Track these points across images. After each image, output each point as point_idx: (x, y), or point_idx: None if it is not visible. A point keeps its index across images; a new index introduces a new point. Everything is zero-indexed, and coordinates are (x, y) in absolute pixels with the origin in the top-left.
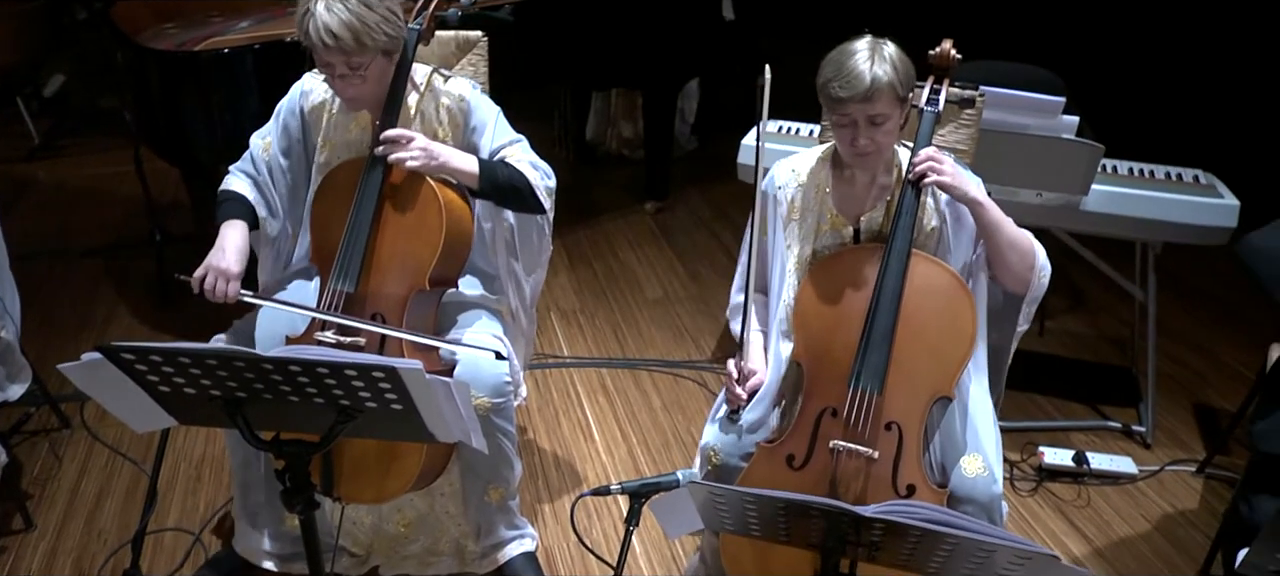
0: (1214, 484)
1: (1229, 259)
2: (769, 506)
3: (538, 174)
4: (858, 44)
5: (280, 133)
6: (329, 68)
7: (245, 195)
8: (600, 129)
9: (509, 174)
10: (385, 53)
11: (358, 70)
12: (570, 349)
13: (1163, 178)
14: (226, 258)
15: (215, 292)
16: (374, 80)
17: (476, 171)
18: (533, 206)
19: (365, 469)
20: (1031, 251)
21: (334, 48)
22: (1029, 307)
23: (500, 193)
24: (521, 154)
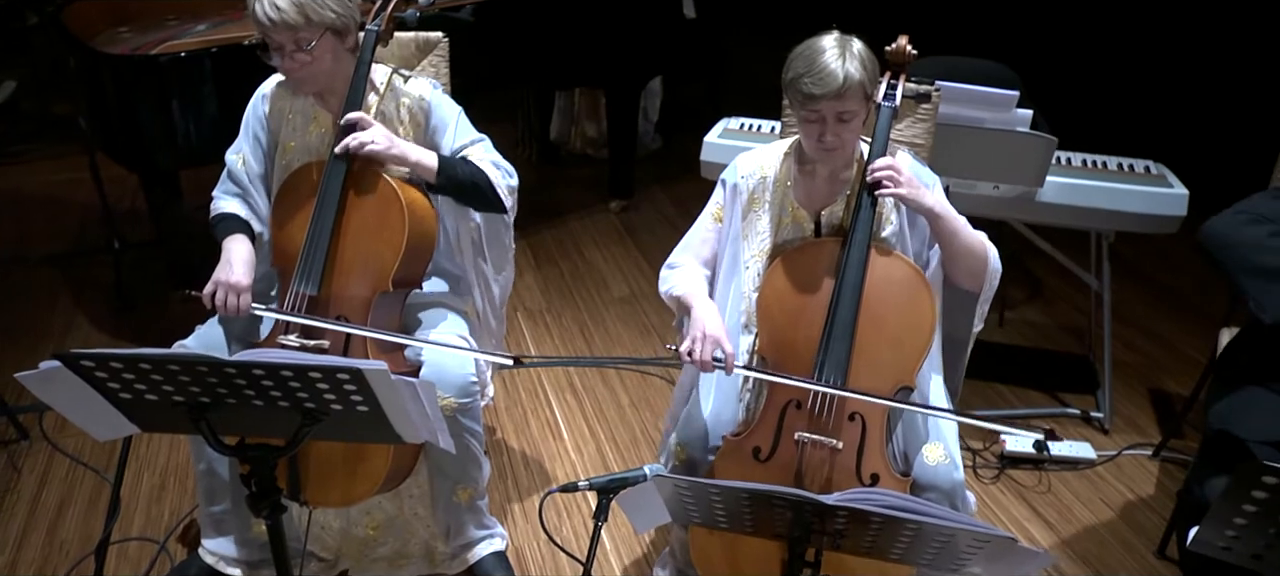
0: (1169, 466)
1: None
2: (734, 498)
3: (499, 172)
4: (826, 41)
5: (252, 143)
6: (279, 50)
7: (239, 214)
8: (564, 128)
9: (469, 171)
10: (334, 31)
11: (306, 47)
12: (537, 348)
13: (1115, 168)
14: (234, 271)
15: (226, 307)
16: (324, 59)
17: (435, 166)
18: (494, 204)
19: (332, 472)
20: (984, 255)
21: (280, 24)
22: (982, 307)
23: (460, 189)
24: (483, 153)
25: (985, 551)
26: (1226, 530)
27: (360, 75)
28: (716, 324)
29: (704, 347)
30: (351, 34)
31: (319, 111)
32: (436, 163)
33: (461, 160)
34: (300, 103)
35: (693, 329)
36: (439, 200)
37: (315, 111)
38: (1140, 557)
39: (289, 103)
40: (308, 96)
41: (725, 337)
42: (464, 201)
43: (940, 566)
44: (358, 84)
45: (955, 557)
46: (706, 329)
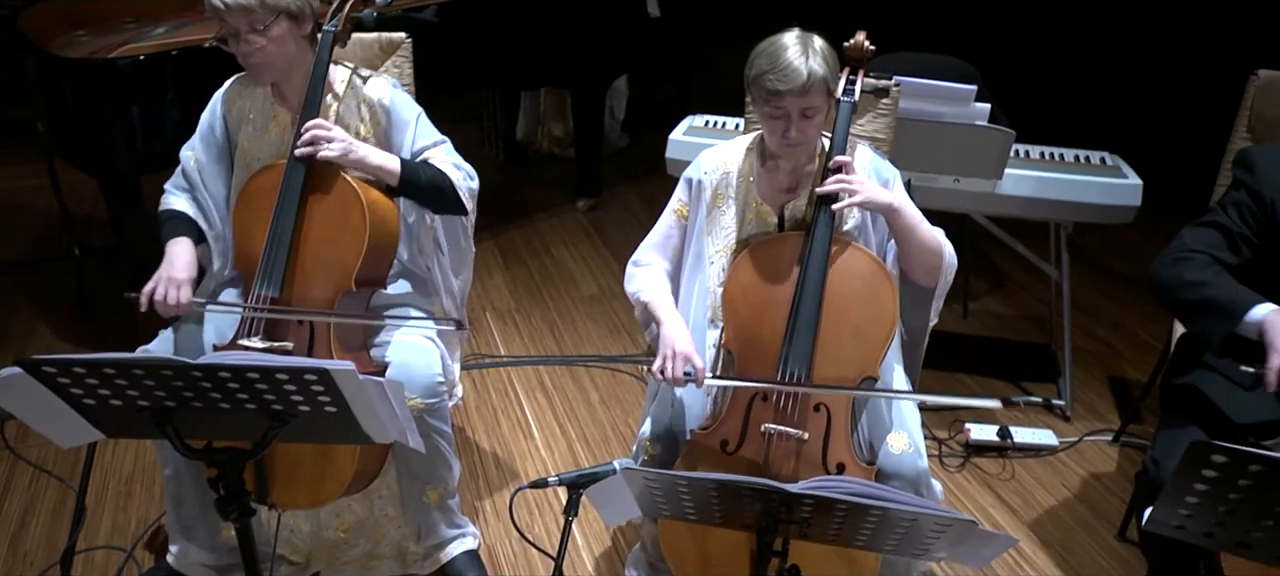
0: (1129, 451)
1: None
2: (702, 489)
3: (460, 175)
4: (788, 38)
5: (206, 140)
6: (234, 36)
7: (186, 212)
8: (530, 128)
9: (431, 174)
10: (289, 15)
11: (260, 28)
12: (507, 348)
13: (1071, 160)
14: (175, 268)
15: (167, 302)
16: (283, 43)
17: (397, 169)
18: (455, 207)
19: (298, 474)
20: (940, 250)
21: (234, 7)
22: (937, 301)
23: (421, 192)
24: (444, 155)
25: (948, 535)
26: (1180, 509)
27: (318, 76)
28: (685, 339)
29: (675, 366)
30: (308, 21)
31: (278, 111)
32: (398, 166)
33: (423, 163)
34: (259, 103)
35: (662, 347)
36: (401, 200)
37: (275, 111)
38: (1102, 540)
39: (248, 103)
40: (268, 97)
41: (694, 352)
42: (425, 204)
43: (905, 551)
44: (316, 84)
45: (919, 542)
46: (676, 346)
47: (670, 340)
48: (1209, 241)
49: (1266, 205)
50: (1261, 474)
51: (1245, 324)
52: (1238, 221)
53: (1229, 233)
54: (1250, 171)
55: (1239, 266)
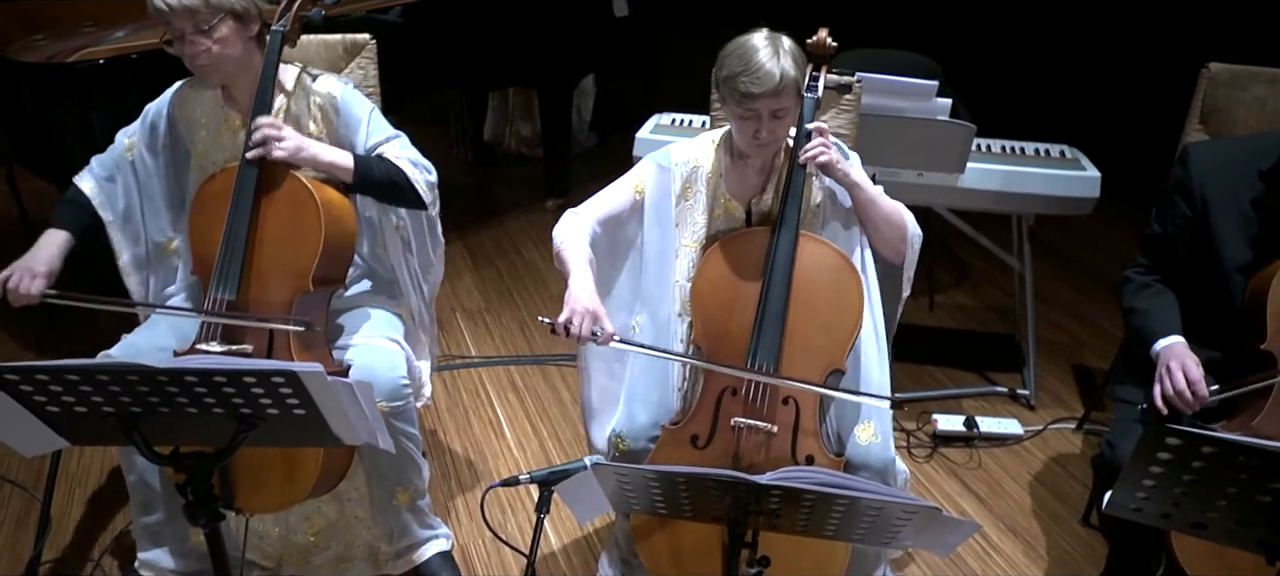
0: (1092, 438)
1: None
2: (671, 483)
3: (417, 169)
4: (758, 39)
5: (147, 132)
6: (180, 38)
7: (88, 197)
8: (498, 128)
9: (386, 169)
10: (235, 15)
11: (206, 29)
12: (478, 348)
13: (1032, 154)
14: (35, 259)
15: (19, 290)
16: (228, 44)
17: (350, 165)
18: (413, 201)
19: (264, 477)
20: (902, 222)
21: (179, 10)
22: (907, 271)
23: (377, 187)
24: (399, 149)
25: (913, 523)
26: (1137, 492)
27: (267, 76)
28: (592, 296)
29: (583, 324)
30: (254, 21)
31: (229, 113)
32: (351, 163)
33: (377, 159)
34: (210, 106)
35: (569, 301)
36: (362, 199)
37: (226, 114)
38: (1066, 525)
39: (199, 108)
40: (218, 100)
41: (603, 313)
42: (383, 200)
43: (873, 540)
44: (265, 85)
45: (886, 531)
46: (583, 303)
47: (577, 296)
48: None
49: (1196, 200)
50: (1214, 455)
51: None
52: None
53: (1161, 241)
54: (1184, 168)
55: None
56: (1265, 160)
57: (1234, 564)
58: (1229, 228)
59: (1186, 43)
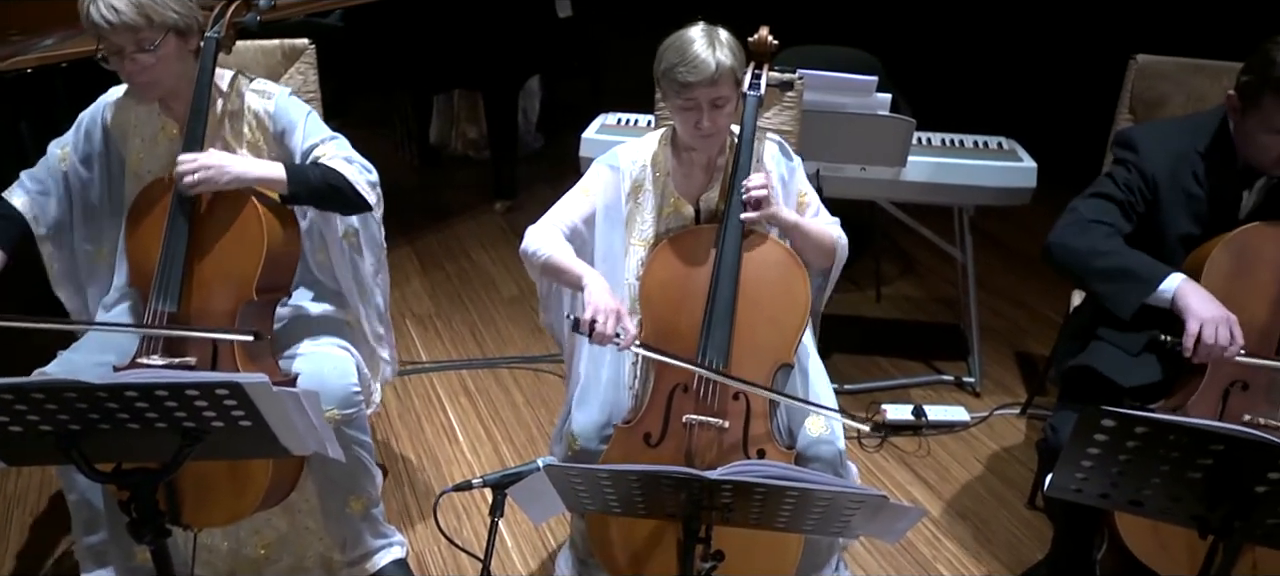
0: (1036, 422)
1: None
2: (624, 481)
3: (355, 168)
4: (694, 32)
5: (81, 142)
6: (119, 54)
7: (19, 212)
8: (444, 131)
9: (323, 173)
10: (176, 32)
11: (149, 50)
12: (428, 353)
13: (970, 146)
14: None
15: None
16: (169, 62)
17: (284, 177)
18: (356, 203)
19: (211, 491)
20: (832, 243)
21: (119, 26)
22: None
23: (316, 195)
24: (336, 151)
25: (862, 511)
26: (1077, 473)
27: (202, 83)
28: (612, 294)
29: (609, 322)
30: (195, 36)
31: (166, 121)
32: (284, 174)
33: (313, 165)
34: (147, 115)
35: (593, 300)
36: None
37: (163, 122)
38: (1012, 509)
39: (134, 115)
40: (154, 107)
41: (626, 315)
42: (324, 206)
43: (825, 530)
44: (201, 92)
45: (837, 520)
46: (608, 302)
47: (597, 293)
48: (1107, 212)
49: (1149, 180)
50: (1147, 434)
51: (1159, 293)
52: (1126, 192)
53: (1122, 204)
54: (1134, 150)
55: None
56: (1201, 139)
57: (1168, 540)
58: (1175, 205)
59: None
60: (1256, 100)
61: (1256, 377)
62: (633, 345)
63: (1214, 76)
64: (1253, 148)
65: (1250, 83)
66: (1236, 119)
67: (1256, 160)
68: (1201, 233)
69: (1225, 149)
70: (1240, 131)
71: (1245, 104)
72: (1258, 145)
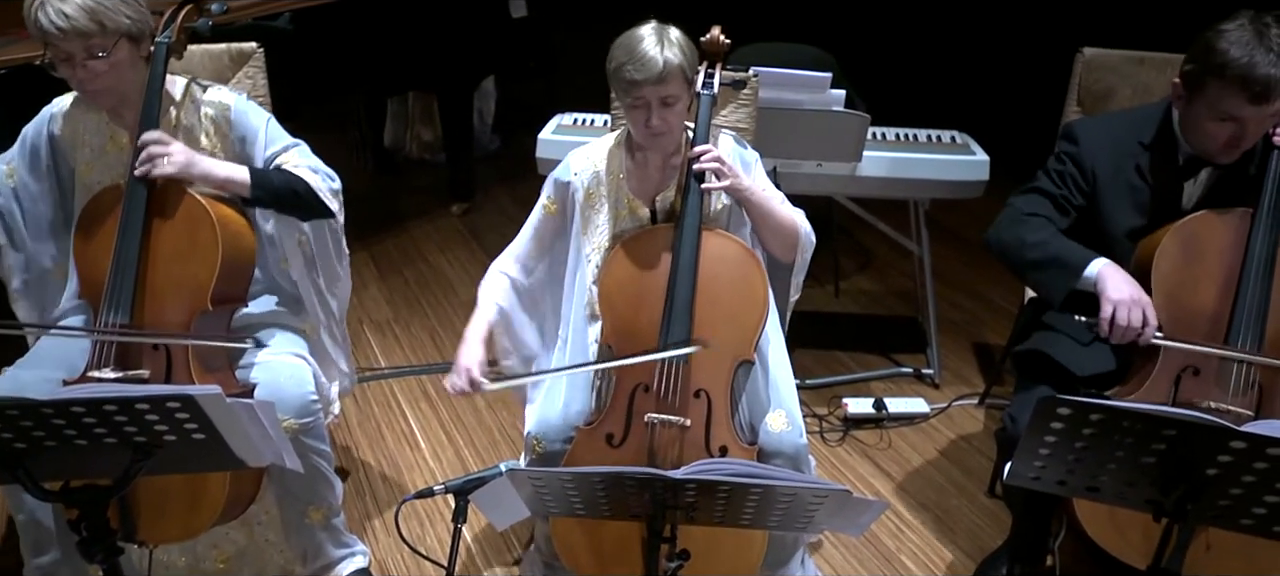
0: (994, 412)
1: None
2: (587, 483)
3: (319, 177)
4: (644, 30)
5: (27, 156)
6: (68, 61)
7: None
8: (399, 134)
9: (285, 179)
10: (129, 37)
11: (100, 56)
12: (387, 359)
13: (924, 140)
14: None
15: None
16: (121, 69)
17: (247, 180)
18: (318, 210)
19: (167, 506)
20: (795, 229)
21: (70, 32)
22: (797, 277)
23: (278, 199)
24: (299, 158)
25: (826, 506)
26: (1034, 461)
27: (153, 89)
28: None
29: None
30: (147, 41)
31: (115, 130)
32: (247, 177)
33: (276, 170)
34: (95, 123)
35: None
36: (262, 213)
37: (112, 131)
38: (972, 498)
39: (83, 125)
40: (103, 116)
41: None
42: (286, 212)
43: (788, 526)
44: (151, 99)
45: (801, 515)
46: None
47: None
48: (1040, 206)
49: (1088, 173)
50: (1103, 421)
51: (1084, 278)
52: (1062, 186)
53: (1056, 198)
54: (1075, 143)
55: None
56: (1145, 132)
57: (1125, 525)
58: (1117, 197)
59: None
60: (1201, 87)
61: (1206, 363)
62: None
63: (1159, 68)
64: (1199, 134)
65: (1194, 71)
66: (1181, 107)
67: (1202, 147)
68: (1146, 224)
69: (1168, 141)
70: (1186, 120)
71: (1190, 91)
72: (1204, 132)
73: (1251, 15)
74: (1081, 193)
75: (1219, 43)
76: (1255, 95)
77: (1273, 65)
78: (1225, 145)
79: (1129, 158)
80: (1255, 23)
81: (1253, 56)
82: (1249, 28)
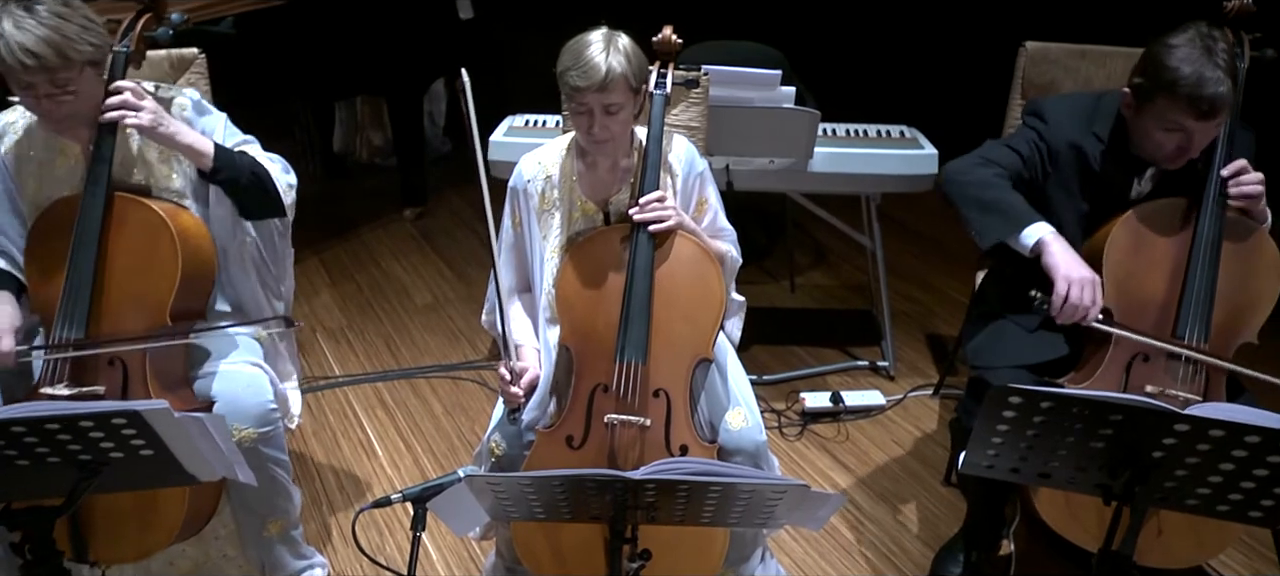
0: (948, 401)
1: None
2: (547, 487)
3: (278, 166)
4: (593, 36)
5: None
6: (30, 90)
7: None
8: (348, 139)
9: (248, 162)
10: (92, 63)
11: (65, 87)
12: (342, 368)
13: (874, 135)
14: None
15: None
16: (87, 96)
17: (210, 151)
18: (272, 201)
19: (121, 524)
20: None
21: (35, 67)
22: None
23: (237, 180)
24: (258, 151)
25: (785, 501)
26: (987, 449)
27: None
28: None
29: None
30: (107, 60)
31: (65, 144)
32: (211, 149)
33: (240, 153)
34: (40, 139)
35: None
36: (219, 221)
37: (61, 144)
38: (929, 487)
39: (27, 139)
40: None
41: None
42: (243, 199)
43: (749, 522)
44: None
45: (761, 511)
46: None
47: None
48: (1008, 159)
49: (1053, 152)
50: (1052, 408)
51: (1021, 237)
52: (1032, 150)
53: (1025, 159)
54: (1042, 121)
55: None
56: (1101, 124)
57: (1079, 510)
58: (1069, 181)
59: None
60: (1150, 100)
61: (1155, 349)
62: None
63: (1098, 61)
64: (1148, 143)
65: (1143, 85)
66: (1131, 116)
67: (1152, 155)
68: (1090, 210)
69: (1121, 137)
70: (1135, 128)
71: (1140, 103)
72: (1153, 142)
73: (1199, 28)
74: (1043, 169)
75: (1168, 59)
76: (1203, 113)
77: (1220, 82)
78: (1172, 154)
79: (1087, 146)
80: (1204, 38)
81: (1201, 74)
82: (1198, 44)
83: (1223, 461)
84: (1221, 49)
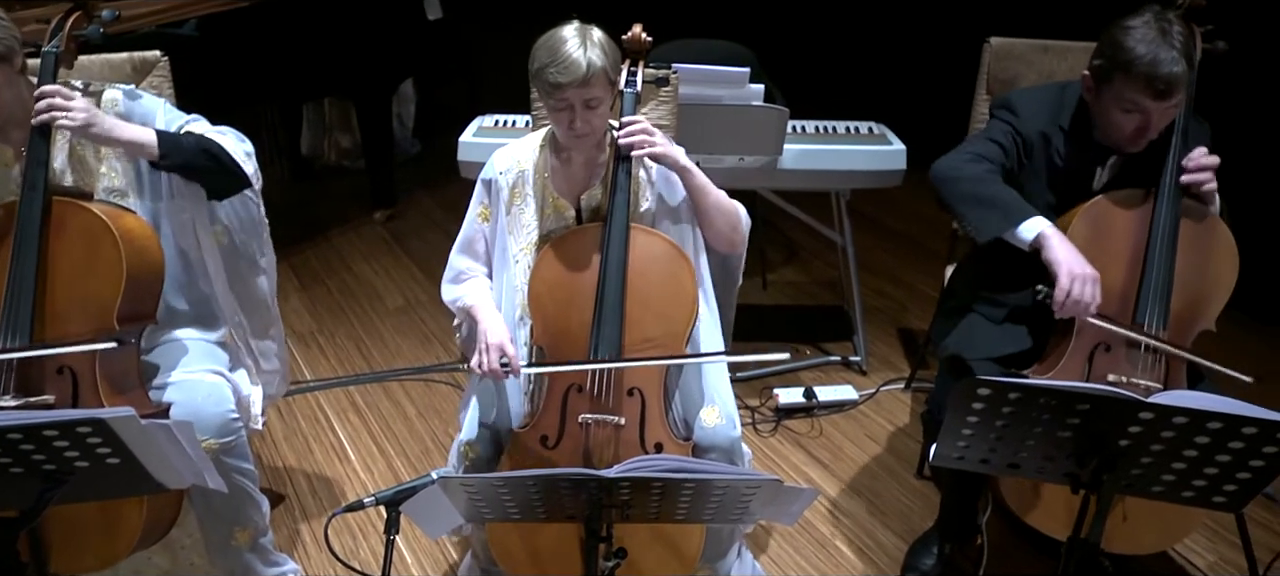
0: (920, 395)
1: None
2: (521, 487)
3: (229, 138)
4: (567, 31)
5: None
6: None
7: None
8: (316, 141)
9: (196, 141)
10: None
11: None
12: (313, 372)
13: (843, 132)
14: None
15: None
16: (8, 96)
17: (153, 140)
18: (233, 174)
19: (81, 534)
20: (735, 212)
21: None
22: (740, 264)
23: (189, 161)
24: (206, 126)
25: (759, 496)
26: (957, 442)
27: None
28: (500, 331)
29: (489, 357)
30: (18, 55)
31: (1, 149)
32: (154, 138)
33: (185, 134)
34: None
35: (478, 341)
36: (176, 215)
37: None
38: (902, 480)
39: None
40: None
41: (508, 342)
42: (202, 179)
43: (724, 518)
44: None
45: (735, 507)
46: (489, 338)
47: (484, 333)
48: (993, 154)
49: (1027, 143)
50: (1020, 399)
51: (1019, 231)
52: (1012, 142)
53: (1007, 151)
54: (1014, 114)
55: None
56: (1064, 115)
57: (1048, 499)
58: (1037, 172)
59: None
60: (1108, 80)
61: (1116, 339)
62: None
63: (1061, 55)
64: (1108, 125)
65: (1102, 66)
66: (1091, 99)
67: (1112, 137)
68: (1056, 202)
69: (1084, 126)
70: (1096, 110)
71: (1099, 84)
72: (1112, 122)
73: (1155, 12)
74: (1019, 161)
75: (1126, 39)
76: (1159, 92)
77: (1175, 62)
78: (1132, 135)
79: (1051, 136)
80: (1159, 21)
81: (1156, 54)
82: (1154, 26)
83: (1186, 448)
84: (1177, 32)
